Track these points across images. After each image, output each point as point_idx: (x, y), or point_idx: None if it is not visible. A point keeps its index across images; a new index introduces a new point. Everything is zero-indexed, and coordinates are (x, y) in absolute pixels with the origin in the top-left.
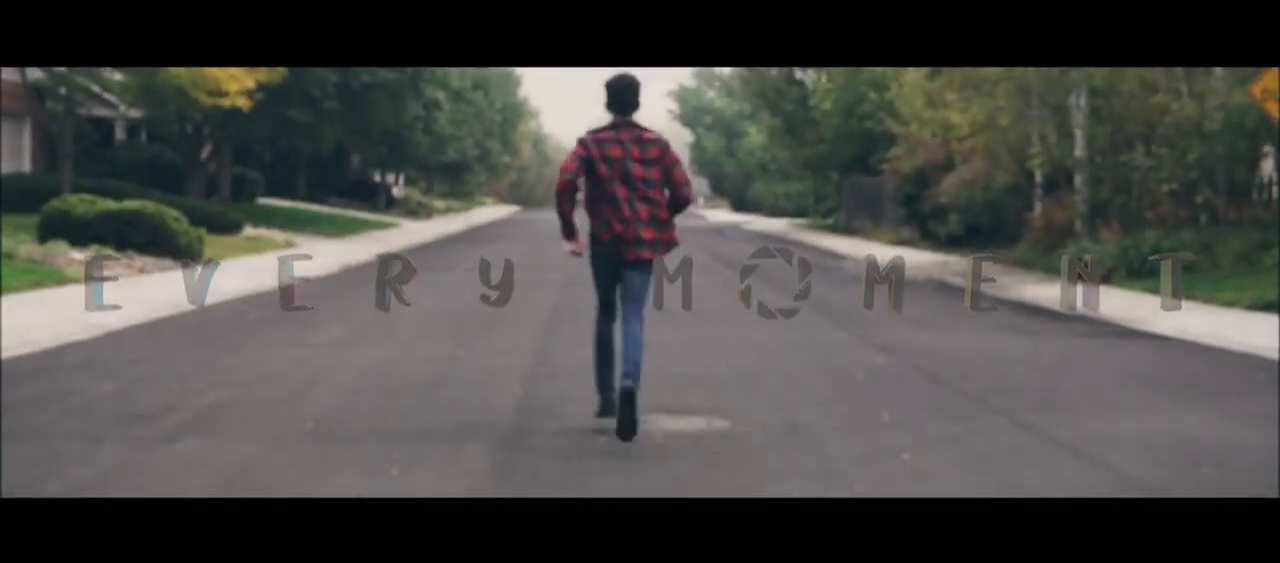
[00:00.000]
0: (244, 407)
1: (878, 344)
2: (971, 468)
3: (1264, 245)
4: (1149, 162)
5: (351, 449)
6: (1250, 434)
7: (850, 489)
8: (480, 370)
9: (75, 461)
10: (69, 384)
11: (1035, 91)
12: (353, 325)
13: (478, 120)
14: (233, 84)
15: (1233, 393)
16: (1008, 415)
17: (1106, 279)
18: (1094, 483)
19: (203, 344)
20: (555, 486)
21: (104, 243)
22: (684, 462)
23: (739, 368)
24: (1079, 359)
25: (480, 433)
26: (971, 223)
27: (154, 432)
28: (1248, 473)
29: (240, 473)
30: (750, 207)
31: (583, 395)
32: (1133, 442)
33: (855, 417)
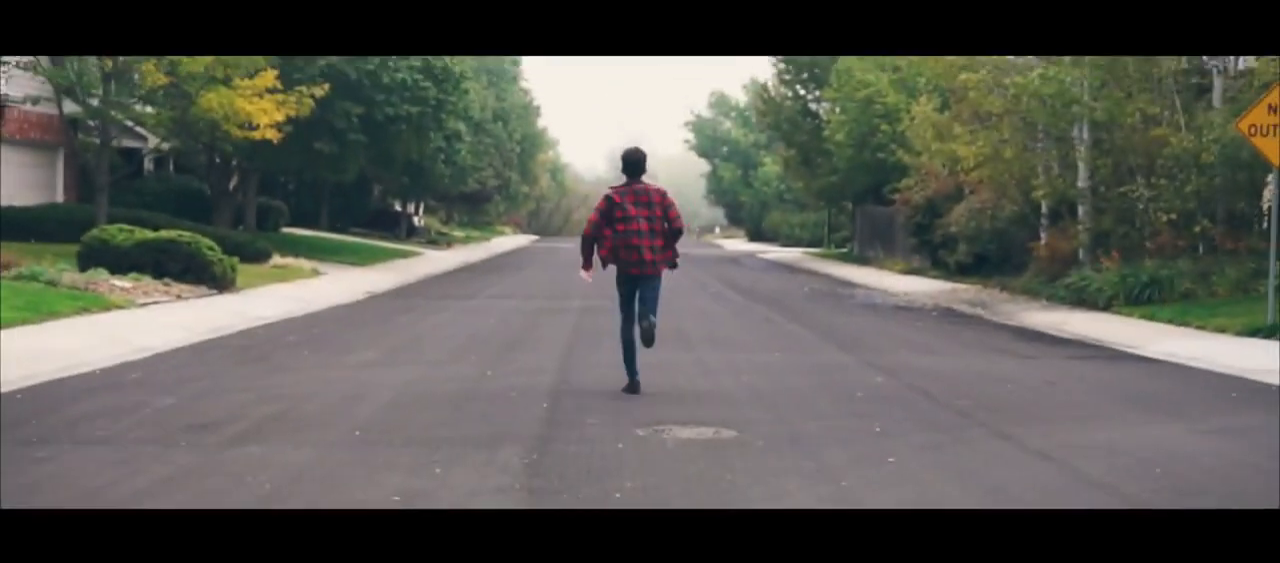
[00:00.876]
0: (295, 418)
1: (879, 366)
2: (949, 470)
3: (1259, 274)
4: (1149, 192)
5: (397, 453)
6: (1208, 443)
7: (839, 486)
8: (507, 388)
9: (154, 462)
10: (134, 399)
11: (1040, 124)
12: (385, 348)
13: (497, 151)
14: (263, 118)
15: (1203, 408)
16: (990, 427)
17: (1107, 306)
18: (1055, 482)
19: (247, 364)
20: (579, 482)
21: (142, 271)
22: (693, 464)
23: (748, 386)
24: (1066, 379)
25: (511, 439)
26: (980, 252)
27: (219, 438)
28: (1195, 474)
29: (301, 473)
30: (766, 236)
31: (603, 410)
32: (1099, 449)
33: (851, 428)
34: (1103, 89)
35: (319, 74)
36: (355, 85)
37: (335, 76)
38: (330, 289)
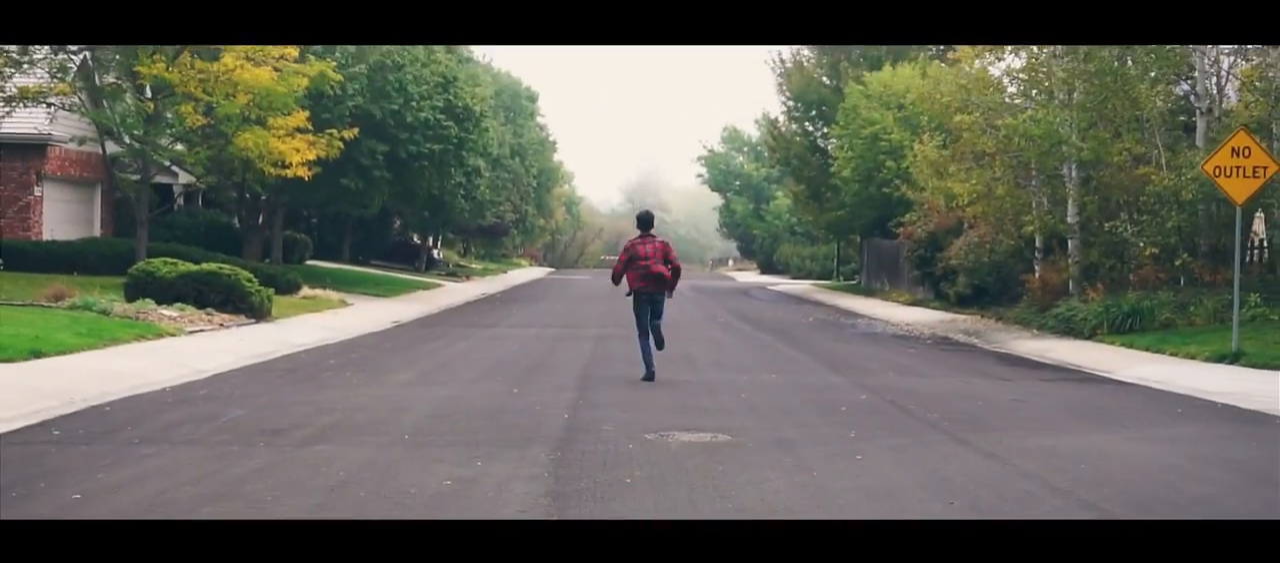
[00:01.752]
0: (351, 425)
1: (866, 386)
2: (906, 465)
3: (1232, 304)
4: (1133, 227)
5: (443, 451)
6: (1137, 447)
7: (810, 476)
8: (533, 403)
9: (242, 457)
10: (208, 411)
11: (1032, 164)
12: (418, 371)
13: (515, 185)
14: (295, 156)
15: (1146, 421)
16: (950, 434)
17: (1091, 335)
18: (993, 474)
19: (298, 383)
20: (596, 471)
21: (185, 301)
22: (691, 460)
23: (745, 402)
24: (1033, 397)
25: (538, 441)
26: (978, 284)
27: (291, 440)
28: (1114, 470)
29: (366, 465)
30: (778, 268)
31: (616, 420)
32: (1041, 450)
33: (829, 434)
34: (1090, 130)
35: (347, 115)
36: (380, 124)
37: (362, 116)
38: (359, 319)
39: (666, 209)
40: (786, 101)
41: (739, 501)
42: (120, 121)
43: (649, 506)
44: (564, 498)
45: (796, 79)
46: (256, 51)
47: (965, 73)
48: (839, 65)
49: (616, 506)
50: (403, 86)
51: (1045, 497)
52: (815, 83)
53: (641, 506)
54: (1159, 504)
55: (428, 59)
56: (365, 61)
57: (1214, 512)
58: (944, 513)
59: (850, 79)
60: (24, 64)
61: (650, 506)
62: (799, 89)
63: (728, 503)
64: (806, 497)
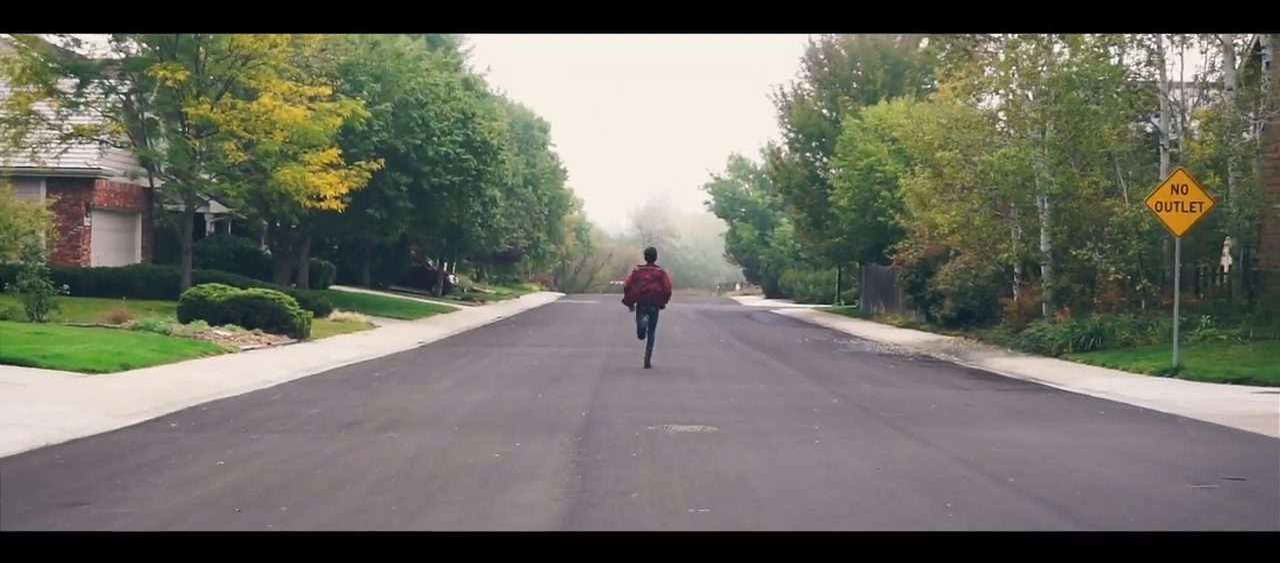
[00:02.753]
0: (409, 419)
1: (840, 393)
2: (853, 447)
3: (1188, 325)
4: (1099, 255)
5: (487, 437)
6: (1049, 438)
7: (775, 454)
8: (555, 405)
9: (330, 441)
10: (287, 410)
11: (1010, 197)
12: (454, 380)
13: (527, 213)
14: (329, 189)
15: (1070, 420)
16: (899, 428)
17: (1058, 353)
18: (922, 455)
19: (353, 390)
20: (608, 450)
21: (233, 322)
22: (683, 443)
23: (733, 404)
24: (980, 402)
25: (563, 430)
26: (963, 307)
27: (364, 430)
28: (1018, 452)
29: (428, 446)
30: (782, 293)
31: (624, 417)
32: (968, 439)
33: (798, 427)
34: (1060, 165)
35: (372, 149)
36: (404, 157)
37: (386, 150)
38: (389, 339)
39: (675, 235)
40: (788, 133)
41: (716, 467)
42: (169, 158)
43: (647, 472)
44: (585, 465)
45: (797, 112)
46: (292, 91)
47: (946, 112)
48: (837, 99)
49: (624, 470)
50: (425, 122)
51: (955, 468)
52: (815, 115)
53: (641, 472)
54: (1039, 475)
55: (448, 96)
56: (391, 99)
57: (1082, 481)
58: (870, 477)
59: (847, 112)
60: (79, 105)
61: (648, 472)
62: (799, 121)
63: (707, 469)
64: (767, 466)
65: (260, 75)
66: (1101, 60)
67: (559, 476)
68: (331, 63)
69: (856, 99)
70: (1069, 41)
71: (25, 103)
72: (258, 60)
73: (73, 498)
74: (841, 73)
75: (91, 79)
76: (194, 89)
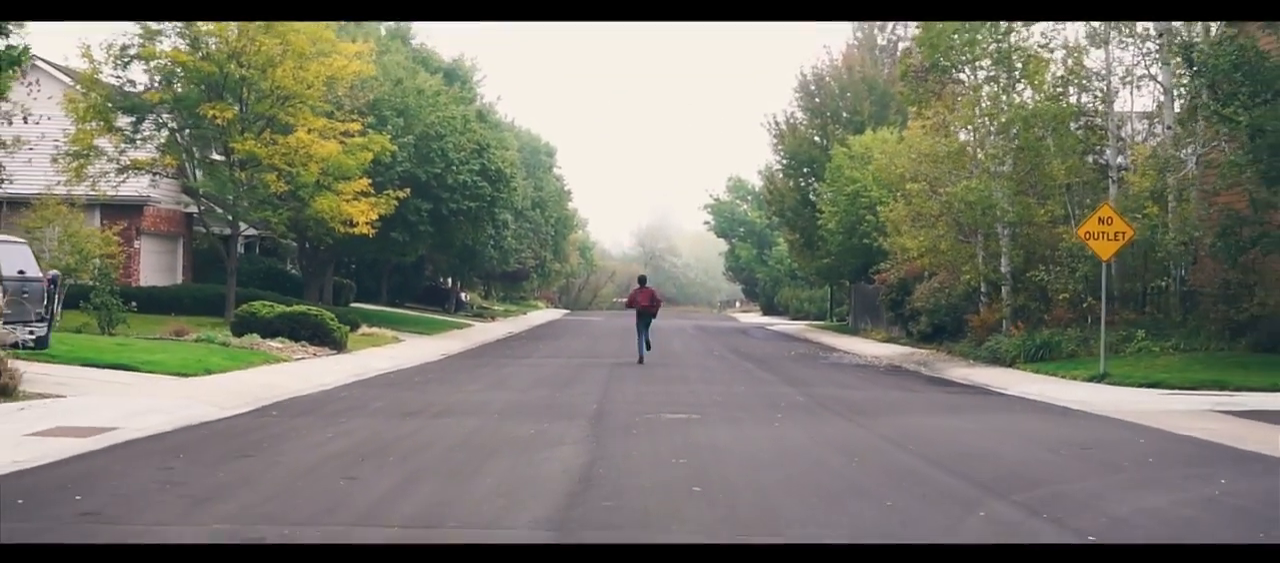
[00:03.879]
0: (457, 410)
1: (806, 394)
2: (801, 428)
3: (1126, 339)
4: (1050, 276)
5: (522, 421)
6: (964, 424)
7: (741, 431)
8: (571, 401)
9: (401, 425)
10: (357, 404)
11: (974, 224)
12: (484, 383)
13: (535, 234)
14: (361, 216)
15: (990, 413)
16: (844, 417)
17: (1011, 363)
18: (855, 435)
19: (402, 390)
20: (615, 428)
21: (281, 335)
22: (673, 425)
23: (716, 400)
24: (920, 401)
25: (580, 416)
26: (938, 323)
27: (423, 416)
28: (933, 435)
29: (479, 427)
30: (778, 310)
31: (628, 409)
32: (896, 425)
33: (764, 415)
34: (1017, 196)
35: (396, 178)
36: (425, 185)
37: (409, 179)
38: (415, 351)
39: (676, 253)
40: (781, 159)
41: (695, 438)
42: (217, 189)
43: (644, 442)
44: (598, 437)
45: (790, 139)
46: (326, 127)
47: (915, 148)
48: (827, 128)
49: (627, 440)
50: (444, 153)
51: (874, 440)
52: (807, 142)
53: (640, 441)
54: (934, 445)
55: (464, 128)
56: (413, 132)
57: (962, 449)
58: (806, 444)
59: (836, 141)
60: (136, 140)
61: (645, 442)
62: (792, 148)
63: (688, 439)
64: (732, 438)
65: (298, 113)
66: (1060, 101)
67: (579, 443)
68: (361, 99)
69: (845, 128)
70: (1030, 77)
71: (88, 139)
72: (295, 100)
73: (239, 453)
74: (831, 103)
75: (146, 116)
76: (239, 126)
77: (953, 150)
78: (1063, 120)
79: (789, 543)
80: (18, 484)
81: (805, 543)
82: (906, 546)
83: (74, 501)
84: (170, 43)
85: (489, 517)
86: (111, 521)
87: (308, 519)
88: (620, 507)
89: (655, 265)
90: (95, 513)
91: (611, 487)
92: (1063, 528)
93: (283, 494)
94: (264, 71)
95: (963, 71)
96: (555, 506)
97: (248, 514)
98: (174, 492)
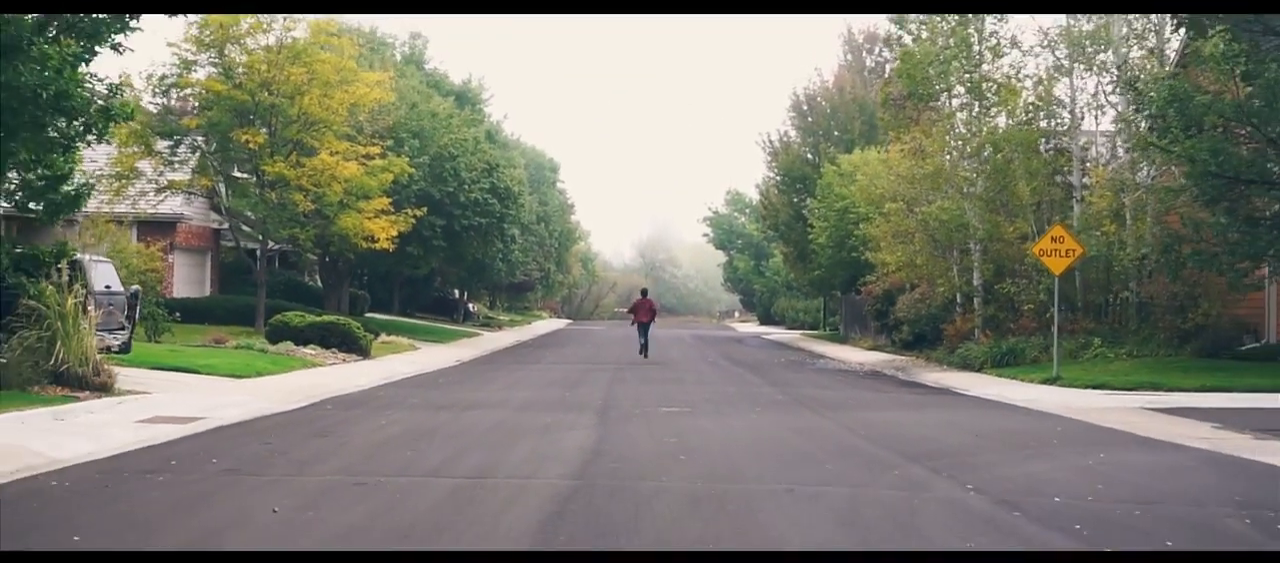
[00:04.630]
0: (483, 406)
1: (786, 393)
2: (778, 419)
3: (1085, 345)
4: (1017, 288)
5: (539, 412)
6: (917, 418)
7: (723, 420)
8: (579, 397)
9: (435, 416)
10: (395, 400)
11: (949, 240)
12: (500, 385)
13: (540, 247)
14: (382, 233)
15: (944, 410)
16: (815, 411)
17: (979, 368)
18: (820, 423)
19: (430, 390)
20: (620, 418)
21: (313, 342)
22: (667, 416)
23: (706, 398)
24: (885, 399)
25: (589, 410)
26: (918, 332)
27: (455, 410)
28: (888, 426)
29: (503, 419)
30: (775, 319)
31: (629, 404)
32: (858, 418)
33: (746, 410)
34: (987, 214)
35: (413, 197)
36: (439, 203)
37: (424, 198)
38: (433, 358)
39: (677, 264)
40: (776, 175)
41: (685, 425)
42: (250, 208)
43: (642, 427)
44: (605, 424)
45: (783, 157)
46: (348, 150)
47: (893, 171)
48: (819, 145)
49: (629, 426)
50: (457, 172)
51: (834, 429)
52: (799, 160)
53: (639, 427)
54: (885, 432)
55: (475, 149)
56: (427, 153)
57: (907, 435)
58: (777, 431)
59: (826, 158)
60: (174, 162)
61: (643, 427)
62: (786, 165)
63: (679, 426)
64: (716, 425)
65: (323, 138)
66: (1031, 124)
67: (589, 428)
68: (381, 124)
69: (836, 146)
70: (1004, 102)
71: (130, 162)
72: (320, 125)
73: (316, 435)
74: (823, 123)
75: (182, 140)
76: (269, 149)
77: (928, 172)
78: (1030, 144)
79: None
80: (159, 454)
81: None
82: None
83: (212, 462)
84: (205, 72)
85: (526, 472)
86: (250, 473)
87: (395, 472)
88: (623, 467)
89: (656, 276)
90: (234, 469)
91: (616, 455)
92: (953, 482)
93: (366, 459)
94: (292, 99)
95: (938, 99)
96: (574, 466)
97: (348, 470)
98: (282, 458)
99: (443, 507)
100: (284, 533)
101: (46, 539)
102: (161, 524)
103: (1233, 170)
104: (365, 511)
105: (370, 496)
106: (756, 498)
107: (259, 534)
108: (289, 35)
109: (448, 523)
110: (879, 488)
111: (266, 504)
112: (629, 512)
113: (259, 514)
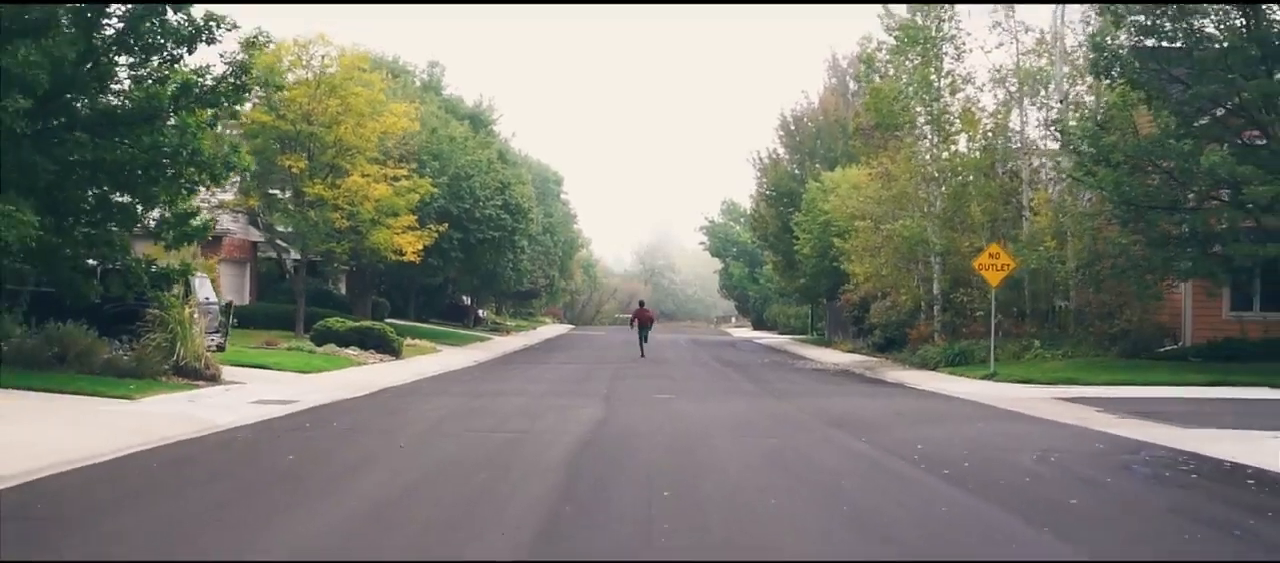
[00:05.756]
0: (508, 394)
1: (760, 387)
2: (748, 405)
3: (1027, 347)
4: (969, 297)
5: (557, 398)
6: (865, 404)
7: (704, 404)
8: (587, 389)
9: (476, 400)
10: (437, 390)
11: (911, 253)
12: (518, 381)
13: (546, 257)
14: (409, 247)
15: (888, 399)
16: (779, 399)
17: (935, 367)
18: (783, 407)
19: (462, 383)
20: (622, 400)
21: (353, 344)
22: (659, 400)
23: (694, 390)
24: (842, 390)
25: (596, 396)
26: (889, 335)
27: (486, 396)
28: (837, 410)
29: (530, 402)
30: (768, 325)
31: (629, 391)
32: (815, 404)
33: (723, 398)
34: (945, 231)
35: (434, 214)
36: (456, 218)
37: (444, 214)
38: (454, 358)
39: (675, 271)
40: (765, 191)
41: (673, 408)
42: (293, 225)
43: (639, 408)
44: (609, 407)
45: (773, 173)
46: (377, 173)
47: (863, 192)
48: (805, 163)
49: (628, 407)
50: (472, 191)
51: (793, 412)
52: (787, 176)
53: (636, 408)
54: (834, 414)
55: (488, 169)
56: (446, 173)
57: (852, 415)
58: (746, 412)
59: (811, 176)
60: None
61: (639, 408)
62: (774, 181)
63: (668, 409)
64: (696, 408)
65: (356, 162)
66: (989, 150)
67: (597, 408)
68: (406, 149)
69: (821, 164)
70: (967, 127)
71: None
72: (353, 151)
73: (387, 413)
74: (809, 142)
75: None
76: (309, 173)
77: (893, 195)
78: (984, 168)
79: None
80: (287, 422)
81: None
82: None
83: (332, 425)
84: (249, 105)
85: (556, 432)
86: (364, 432)
87: (463, 432)
88: (624, 432)
89: (655, 282)
90: (352, 428)
91: (619, 425)
92: (857, 438)
93: (436, 424)
94: (329, 129)
95: (903, 130)
96: (588, 429)
97: (430, 431)
98: (376, 424)
99: (504, 448)
100: (416, 454)
101: (272, 461)
102: (336, 450)
103: (1138, 199)
104: (455, 448)
105: (454, 442)
106: (713, 446)
107: (404, 456)
108: (326, 70)
109: (512, 455)
110: (800, 440)
111: (392, 444)
112: (627, 451)
113: (392, 447)
